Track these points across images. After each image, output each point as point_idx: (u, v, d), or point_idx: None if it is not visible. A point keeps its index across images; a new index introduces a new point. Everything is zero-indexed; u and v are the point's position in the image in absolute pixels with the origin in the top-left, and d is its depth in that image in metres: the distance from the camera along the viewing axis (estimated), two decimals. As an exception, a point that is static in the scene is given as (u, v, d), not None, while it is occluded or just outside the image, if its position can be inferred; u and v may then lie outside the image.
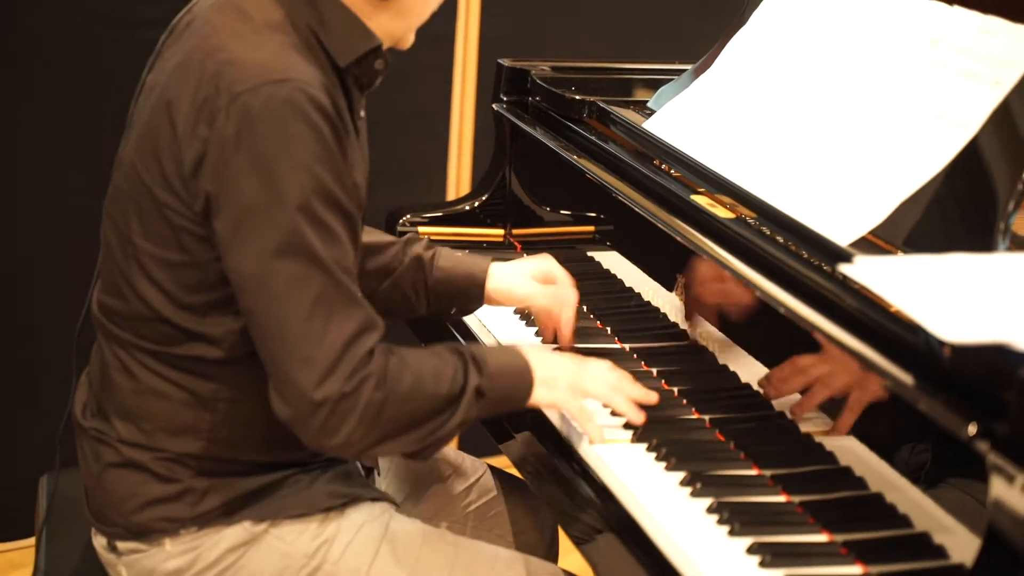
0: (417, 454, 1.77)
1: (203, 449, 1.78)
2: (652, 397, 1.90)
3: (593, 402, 1.89)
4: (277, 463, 1.82)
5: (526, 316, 2.27)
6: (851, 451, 1.68)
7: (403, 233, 2.56)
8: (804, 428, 1.77)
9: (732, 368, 1.94)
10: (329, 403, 1.63)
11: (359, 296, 1.68)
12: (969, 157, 1.74)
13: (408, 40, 1.84)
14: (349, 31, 1.74)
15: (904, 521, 1.58)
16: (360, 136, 1.83)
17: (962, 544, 1.47)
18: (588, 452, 1.85)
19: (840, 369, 1.68)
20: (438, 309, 2.15)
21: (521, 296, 2.14)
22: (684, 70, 2.36)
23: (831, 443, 1.72)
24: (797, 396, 1.79)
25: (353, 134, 1.76)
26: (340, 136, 1.67)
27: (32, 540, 2.10)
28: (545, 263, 2.16)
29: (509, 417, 2.01)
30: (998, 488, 1.36)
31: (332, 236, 1.65)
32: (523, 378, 1.84)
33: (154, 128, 1.70)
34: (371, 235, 2.11)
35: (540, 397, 1.85)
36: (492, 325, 2.24)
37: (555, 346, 2.13)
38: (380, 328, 1.70)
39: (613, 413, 1.89)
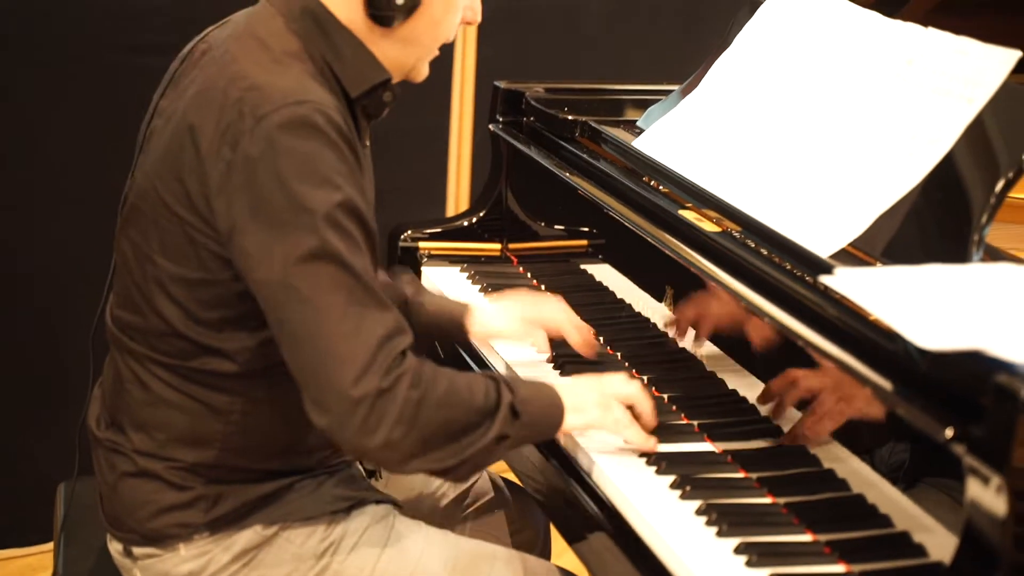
0: (455, 469, 1.71)
1: (215, 458, 1.77)
2: (654, 421, 1.88)
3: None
4: (285, 470, 1.82)
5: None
6: (834, 454, 1.68)
7: (406, 248, 2.57)
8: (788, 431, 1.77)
9: (720, 375, 1.94)
10: (368, 400, 1.60)
11: (387, 300, 1.67)
12: (944, 172, 1.74)
13: (421, 72, 1.84)
14: (361, 63, 1.74)
15: (885, 521, 1.57)
16: (365, 163, 1.83)
17: (941, 543, 1.46)
18: (582, 457, 1.84)
19: (823, 377, 1.68)
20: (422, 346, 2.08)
21: (498, 335, 2.16)
22: (671, 90, 2.36)
23: (814, 446, 1.72)
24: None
25: (363, 159, 1.76)
26: (356, 154, 1.67)
27: (51, 545, 2.10)
28: (532, 308, 2.14)
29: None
30: (974, 489, 1.36)
31: (356, 245, 1.64)
32: (554, 404, 1.80)
33: (176, 152, 1.69)
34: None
35: (573, 422, 1.82)
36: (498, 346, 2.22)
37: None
38: (410, 333, 1.68)
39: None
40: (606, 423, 1.83)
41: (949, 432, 1.39)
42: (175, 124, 1.72)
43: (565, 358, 2.12)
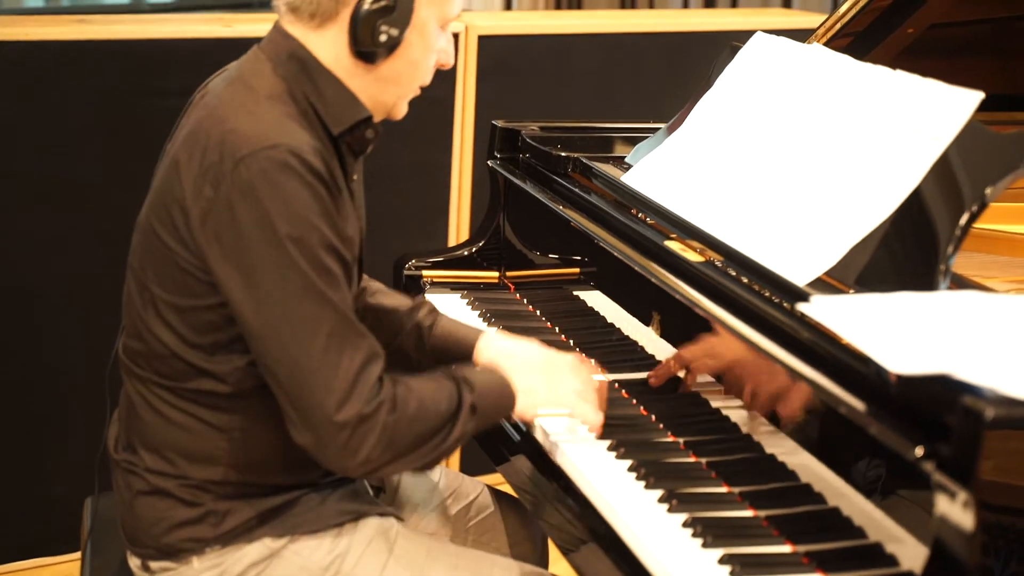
0: (422, 467, 1.79)
1: (222, 474, 1.76)
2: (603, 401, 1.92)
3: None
4: (290, 484, 1.81)
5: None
6: (811, 469, 1.67)
7: (410, 276, 2.56)
8: (768, 449, 1.75)
9: (703, 395, 1.93)
10: (350, 425, 1.63)
11: (363, 329, 1.69)
12: (913, 206, 1.74)
13: (401, 110, 1.84)
14: (342, 103, 1.75)
15: (859, 532, 1.56)
16: (355, 197, 1.83)
17: (911, 553, 1.45)
18: (575, 472, 1.84)
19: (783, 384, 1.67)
20: (439, 366, 2.09)
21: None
22: (658, 128, 2.35)
23: (793, 462, 1.70)
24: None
25: (347, 194, 1.76)
26: (332, 193, 1.68)
27: (78, 555, 2.09)
28: (549, 359, 2.00)
29: (504, 442, 2.00)
30: (943, 505, 1.35)
31: (334, 279, 1.66)
32: (506, 392, 1.85)
33: (167, 187, 1.71)
34: (387, 297, 2.11)
35: (524, 408, 1.88)
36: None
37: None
38: (383, 356, 1.71)
39: None
40: (554, 400, 1.88)
41: (919, 451, 1.38)
42: (167, 162, 1.74)
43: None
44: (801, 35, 2.33)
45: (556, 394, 1.89)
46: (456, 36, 3.23)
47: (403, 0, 1.71)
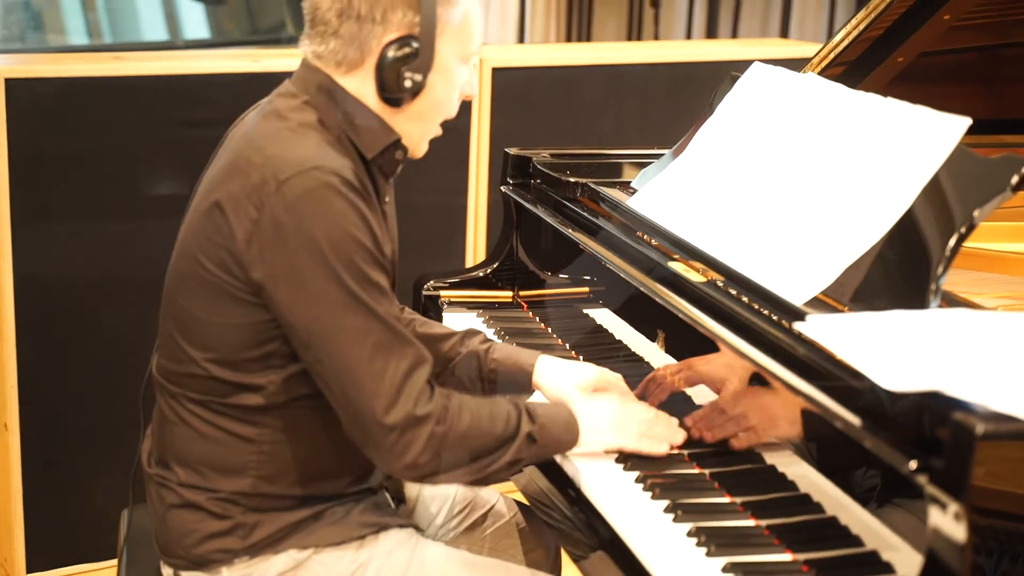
0: (471, 484, 1.78)
1: (250, 487, 1.74)
2: (679, 438, 1.86)
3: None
4: (315, 496, 1.79)
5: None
6: (810, 480, 1.64)
7: (428, 296, 2.54)
8: (769, 460, 1.73)
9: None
10: (398, 428, 1.62)
11: (408, 336, 1.67)
12: (904, 227, 1.71)
13: (421, 149, 1.82)
14: (372, 129, 1.74)
15: (856, 541, 1.54)
16: (388, 219, 1.82)
17: (907, 560, 1.42)
18: (585, 484, 1.81)
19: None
20: (491, 394, 2.04)
21: (560, 397, 1.94)
22: (662, 154, 2.33)
23: (793, 473, 1.68)
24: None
25: (381, 216, 1.75)
26: (372, 208, 1.66)
27: (114, 562, 2.08)
28: (597, 375, 1.97)
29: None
30: (935, 516, 1.32)
31: (380, 290, 1.65)
32: (571, 428, 1.81)
33: (208, 216, 1.69)
34: (433, 327, 2.08)
35: (589, 445, 1.82)
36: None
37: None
38: (430, 361, 1.70)
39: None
40: (619, 440, 1.83)
41: (912, 464, 1.36)
42: (207, 188, 1.73)
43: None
44: (797, 64, 2.31)
45: (622, 435, 1.83)
46: (472, 67, 3.22)
47: (425, 46, 1.69)
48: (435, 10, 1.69)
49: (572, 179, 2.43)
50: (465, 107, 3.21)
